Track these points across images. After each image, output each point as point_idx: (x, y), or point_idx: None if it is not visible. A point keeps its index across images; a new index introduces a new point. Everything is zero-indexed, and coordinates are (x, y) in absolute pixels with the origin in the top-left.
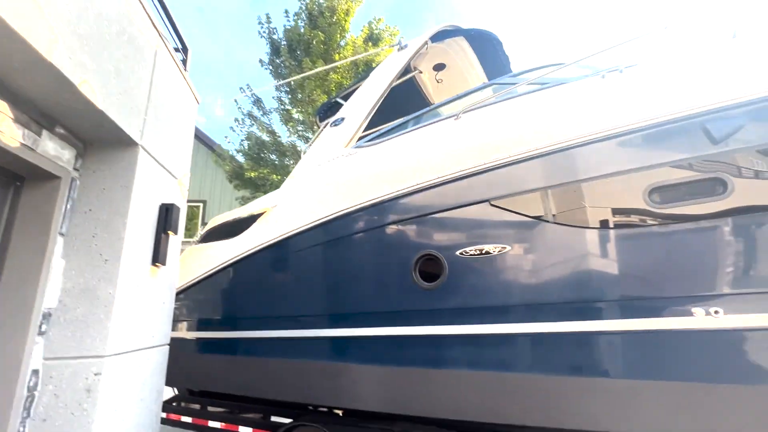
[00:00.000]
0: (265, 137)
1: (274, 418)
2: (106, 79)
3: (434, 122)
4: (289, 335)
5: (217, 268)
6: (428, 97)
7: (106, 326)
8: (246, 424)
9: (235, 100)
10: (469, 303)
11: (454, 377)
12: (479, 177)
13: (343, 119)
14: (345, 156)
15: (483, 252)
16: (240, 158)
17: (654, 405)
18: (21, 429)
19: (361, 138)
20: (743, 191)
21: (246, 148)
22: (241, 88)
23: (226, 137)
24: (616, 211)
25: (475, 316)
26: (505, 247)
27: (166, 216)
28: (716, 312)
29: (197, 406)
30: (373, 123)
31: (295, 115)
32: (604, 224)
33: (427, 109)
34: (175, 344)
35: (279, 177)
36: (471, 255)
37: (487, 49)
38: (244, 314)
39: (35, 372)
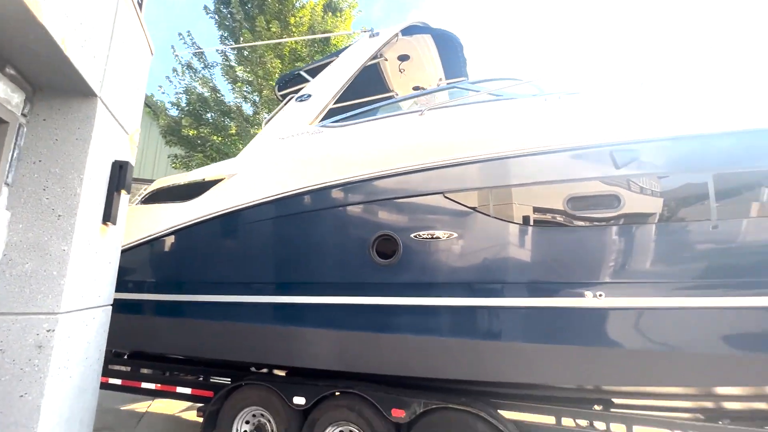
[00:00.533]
0: (207, 93)
1: (209, 381)
2: (75, 23)
3: (400, 114)
4: (247, 300)
5: (167, 231)
6: (388, 82)
7: (60, 283)
8: (184, 384)
9: (172, 47)
10: (419, 279)
11: (401, 340)
12: (437, 171)
13: (309, 96)
14: (310, 133)
15: (434, 236)
16: (173, 112)
17: (552, 362)
18: None
19: (325, 117)
20: (630, 206)
21: (184, 102)
22: (179, 34)
23: (159, 87)
24: (539, 212)
25: (423, 290)
26: (452, 234)
27: (119, 174)
28: (600, 295)
29: (125, 368)
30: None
31: (240, 74)
32: (533, 222)
33: (394, 100)
34: (115, 305)
35: (220, 138)
36: (423, 238)
37: (449, 50)
38: (198, 278)
39: None
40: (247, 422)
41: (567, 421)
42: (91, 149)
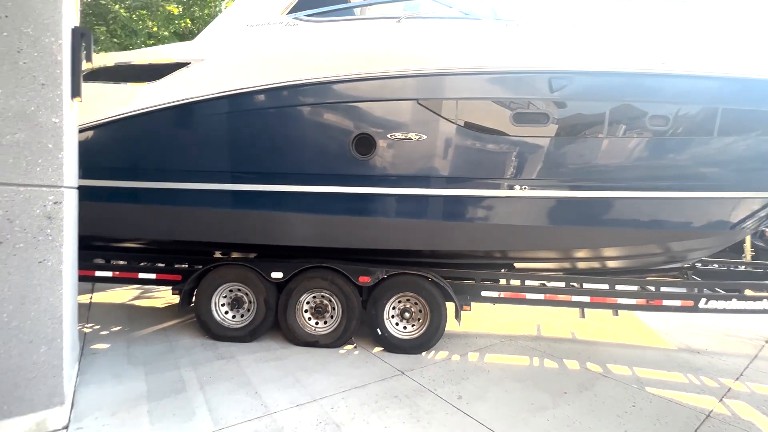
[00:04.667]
0: None
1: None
2: None
3: (378, 19)
4: (233, 188)
5: (130, 113)
6: None
7: (58, 157)
8: (147, 271)
9: None
10: (390, 172)
11: (373, 222)
12: (413, 79)
13: None
14: (284, 25)
15: (406, 137)
16: None
17: (488, 235)
18: None
19: (295, 5)
20: (554, 123)
21: None
22: None
23: None
24: (489, 124)
25: (394, 181)
26: (422, 136)
27: (82, 43)
28: (524, 187)
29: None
30: None
31: None
32: (487, 131)
33: (373, 2)
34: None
35: (127, 13)
36: (397, 138)
37: None
38: (174, 166)
39: None
40: (225, 296)
41: (483, 281)
42: (63, 10)
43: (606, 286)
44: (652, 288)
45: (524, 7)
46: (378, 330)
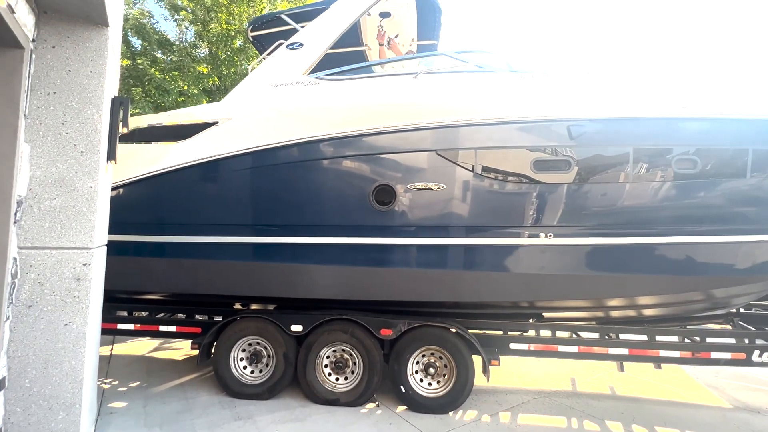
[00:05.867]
0: (145, 20)
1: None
2: None
3: (396, 75)
4: (254, 241)
5: (163, 170)
6: (362, 36)
7: (91, 220)
8: (167, 323)
9: None
10: (411, 222)
11: (394, 273)
12: (431, 131)
13: (301, 45)
14: (306, 84)
15: (426, 187)
16: None
17: (513, 285)
18: (7, 314)
19: (316, 68)
20: (575, 170)
21: None
22: None
23: None
24: (509, 172)
25: (414, 231)
26: (442, 186)
27: (120, 110)
28: (549, 235)
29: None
30: None
31: (179, 1)
32: (508, 179)
33: (389, 59)
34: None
35: (161, 75)
36: (417, 188)
37: (428, 14)
38: (200, 220)
39: (15, 260)
40: (243, 350)
41: (510, 332)
42: (106, 84)
43: (645, 337)
44: (698, 338)
45: (539, 59)
46: (402, 387)
